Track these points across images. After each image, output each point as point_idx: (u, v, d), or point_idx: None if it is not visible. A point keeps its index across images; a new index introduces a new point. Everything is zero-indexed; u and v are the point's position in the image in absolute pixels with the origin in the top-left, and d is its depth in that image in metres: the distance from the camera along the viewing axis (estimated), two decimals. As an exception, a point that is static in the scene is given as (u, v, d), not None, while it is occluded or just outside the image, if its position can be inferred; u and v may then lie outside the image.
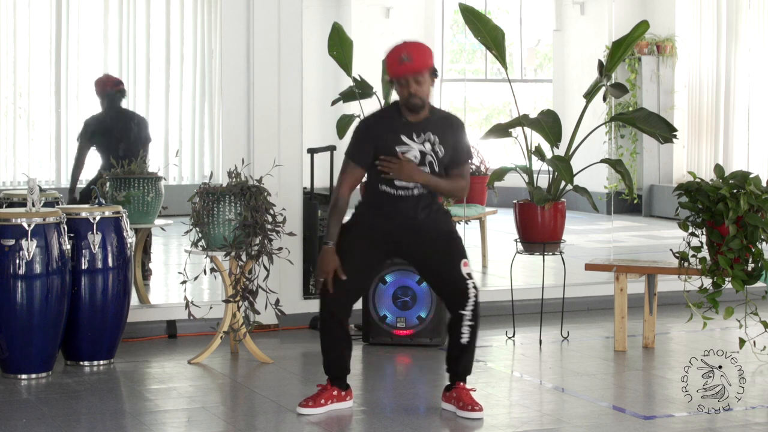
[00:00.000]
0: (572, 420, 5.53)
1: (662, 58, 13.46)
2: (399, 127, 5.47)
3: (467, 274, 5.46)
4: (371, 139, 5.48)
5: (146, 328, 7.36)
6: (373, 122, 5.56)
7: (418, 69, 5.39)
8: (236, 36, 7.58)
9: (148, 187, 7.88)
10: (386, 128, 5.49)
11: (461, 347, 5.47)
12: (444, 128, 5.50)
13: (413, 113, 5.46)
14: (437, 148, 5.48)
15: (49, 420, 5.44)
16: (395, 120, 5.50)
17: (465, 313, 5.43)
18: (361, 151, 5.50)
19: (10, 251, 6.13)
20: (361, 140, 5.52)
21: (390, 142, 5.45)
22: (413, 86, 5.39)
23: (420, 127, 5.47)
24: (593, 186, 8.35)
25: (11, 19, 11.22)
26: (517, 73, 12.76)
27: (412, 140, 5.46)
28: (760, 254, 6.56)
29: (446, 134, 5.50)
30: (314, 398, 5.56)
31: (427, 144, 5.46)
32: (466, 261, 5.49)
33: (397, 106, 5.53)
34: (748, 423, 5.49)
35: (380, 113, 5.66)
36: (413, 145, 5.46)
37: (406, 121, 5.48)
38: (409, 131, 5.47)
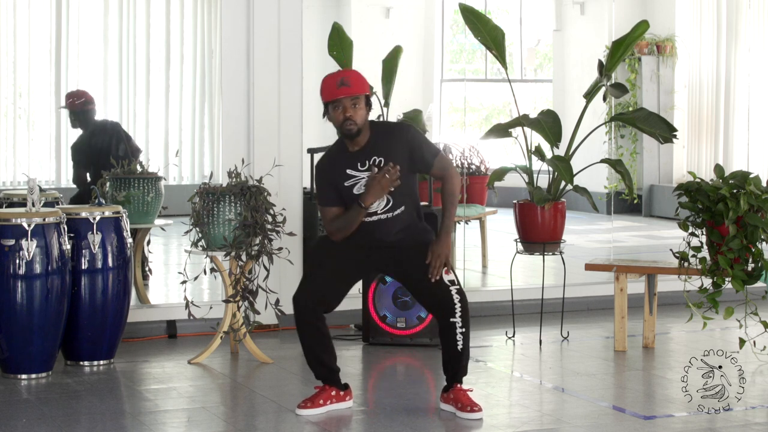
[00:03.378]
0: (572, 420, 5.53)
1: (662, 58, 13.46)
2: (343, 161, 5.45)
3: (450, 281, 5.44)
4: (328, 182, 5.49)
5: (146, 328, 7.36)
6: (323, 165, 5.55)
7: (355, 92, 5.37)
8: (236, 36, 7.58)
9: (148, 187, 7.88)
10: (333, 167, 5.48)
11: (457, 354, 5.47)
12: (388, 144, 5.44)
13: (351, 140, 5.43)
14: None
15: (49, 420, 5.44)
16: (340, 155, 5.48)
17: (455, 320, 5.42)
18: (326, 195, 5.51)
19: (10, 251, 6.13)
20: (321, 185, 5.54)
21: (339, 179, 5.44)
22: (349, 110, 5.36)
23: (363, 155, 5.43)
24: (593, 186, 8.35)
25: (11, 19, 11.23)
26: (517, 73, 12.77)
27: (357, 171, 5.43)
28: (760, 254, 6.56)
29: (393, 149, 5.43)
30: (312, 399, 5.56)
31: (374, 168, 5.41)
32: (447, 269, 5.47)
33: (342, 142, 5.51)
34: (748, 423, 5.49)
35: (327, 153, 5.60)
36: (359, 175, 5.43)
37: (349, 153, 5.45)
38: (354, 163, 5.44)
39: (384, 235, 5.47)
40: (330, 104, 5.40)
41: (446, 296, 5.41)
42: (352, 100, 5.36)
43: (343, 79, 5.39)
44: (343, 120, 5.37)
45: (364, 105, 5.40)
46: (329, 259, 5.49)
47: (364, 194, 5.37)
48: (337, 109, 5.38)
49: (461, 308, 5.42)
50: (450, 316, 5.41)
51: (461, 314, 5.41)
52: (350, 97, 5.36)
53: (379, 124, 5.58)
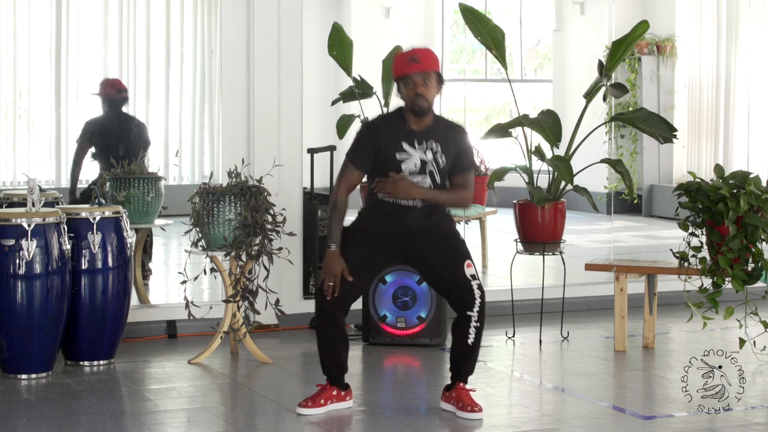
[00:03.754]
0: (572, 420, 5.53)
1: (662, 58, 13.46)
2: (401, 133, 5.46)
3: (471, 275, 5.45)
4: (372, 142, 5.47)
5: (146, 328, 7.36)
6: (376, 126, 5.55)
7: (427, 68, 5.41)
8: (236, 36, 7.58)
9: (148, 187, 7.88)
10: (388, 133, 5.47)
11: (467, 348, 5.47)
12: (447, 137, 5.49)
13: (417, 117, 5.45)
14: (439, 157, 5.47)
15: (49, 420, 5.44)
16: (398, 126, 5.48)
17: (472, 314, 5.43)
18: (361, 154, 5.49)
19: (10, 251, 6.13)
20: (362, 143, 5.51)
21: (391, 147, 5.44)
22: (420, 87, 5.39)
23: (422, 135, 5.46)
24: (593, 186, 8.36)
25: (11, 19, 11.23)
26: (517, 73, 12.77)
27: (413, 147, 5.46)
28: (760, 254, 6.56)
29: (449, 143, 5.49)
30: (313, 398, 5.56)
31: (428, 152, 5.46)
32: (469, 262, 5.48)
33: (402, 113, 5.51)
34: (748, 423, 5.49)
35: (385, 117, 5.64)
36: (414, 153, 5.45)
37: (409, 128, 5.47)
38: (411, 138, 5.46)
39: (412, 222, 5.48)
40: (401, 81, 5.42)
41: (467, 289, 5.43)
42: (422, 77, 5.39)
43: (413, 55, 5.42)
44: (415, 96, 5.39)
45: (435, 83, 5.44)
46: (352, 255, 5.46)
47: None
48: (408, 86, 5.40)
49: (480, 303, 5.43)
50: (468, 309, 5.43)
51: (479, 309, 5.43)
52: (420, 74, 5.38)
53: (442, 118, 5.62)
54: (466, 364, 5.52)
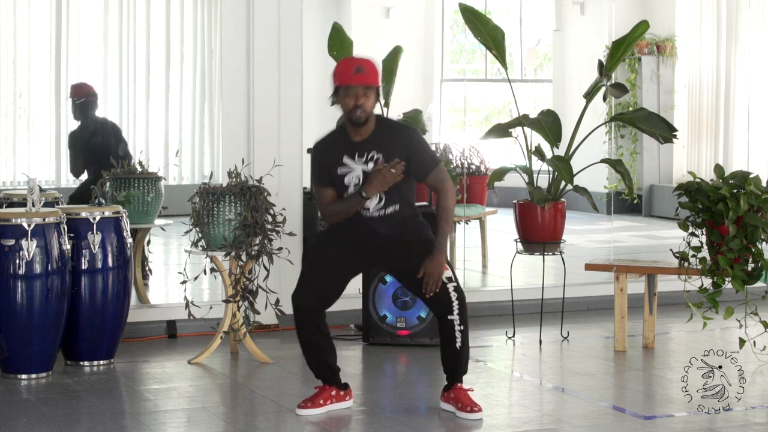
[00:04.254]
0: (572, 420, 5.53)
1: (662, 58, 13.46)
2: (342, 147, 5.44)
3: (447, 278, 5.41)
4: (322, 163, 5.49)
5: (146, 328, 7.36)
6: (321, 146, 5.55)
7: (370, 82, 5.35)
8: (236, 36, 7.58)
9: (148, 187, 7.88)
10: (331, 150, 5.47)
11: (456, 353, 5.46)
12: (390, 143, 5.40)
13: (355, 128, 5.40)
14: None
15: (49, 420, 5.44)
16: (340, 141, 5.47)
17: (453, 318, 5.41)
18: (321, 174, 5.51)
19: (10, 251, 6.13)
20: (315, 165, 5.55)
21: (333, 163, 5.43)
22: (360, 98, 5.34)
23: (363, 146, 5.41)
24: (593, 186, 8.35)
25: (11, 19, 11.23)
26: (517, 73, 12.76)
27: (353, 160, 5.41)
28: (760, 254, 6.56)
29: (393, 149, 5.39)
30: (313, 399, 5.56)
31: (370, 164, 5.39)
32: (445, 266, 5.45)
33: (344, 128, 5.49)
34: (748, 423, 5.49)
35: (328, 136, 5.59)
36: (354, 166, 5.41)
37: (350, 141, 5.44)
38: (352, 151, 5.42)
39: (375, 232, 5.45)
40: (342, 89, 5.37)
41: (443, 293, 5.40)
42: (365, 89, 5.35)
43: (359, 66, 5.37)
44: (353, 107, 5.35)
45: (374, 95, 5.39)
46: (326, 257, 5.48)
47: (367, 185, 5.35)
48: (348, 96, 5.35)
49: (459, 306, 5.40)
50: (447, 314, 5.40)
51: (459, 311, 5.40)
52: (363, 86, 5.34)
53: (385, 120, 5.57)
54: (458, 366, 5.51)
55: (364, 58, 5.47)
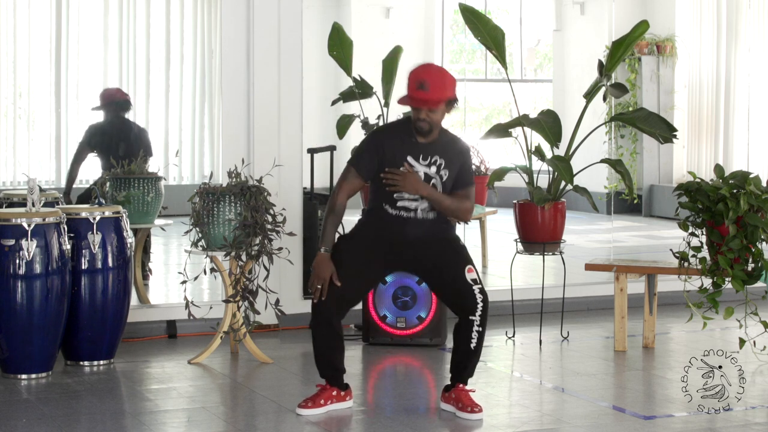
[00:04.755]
0: (572, 420, 5.53)
1: (662, 58, 13.46)
2: (407, 146, 5.45)
3: (472, 280, 5.44)
4: (378, 151, 5.46)
5: (146, 328, 7.36)
6: (384, 136, 5.54)
7: (432, 101, 5.34)
8: (236, 36, 7.58)
9: (148, 187, 7.88)
10: (395, 145, 5.46)
11: (469, 352, 5.47)
12: (451, 152, 5.48)
13: (421, 135, 5.45)
14: (442, 171, 5.46)
15: (49, 420, 5.44)
16: (405, 138, 5.47)
17: (474, 318, 5.43)
18: (364, 161, 5.48)
19: (10, 251, 6.13)
20: (368, 150, 5.50)
21: (396, 159, 5.44)
22: (424, 113, 5.38)
23: (428, 149, 5.45)
24: (593, 186, 8.36)
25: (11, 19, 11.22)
26: (517, 73, 12.76)
27: (417, 162, 5.45)
28: (760, 254, 6.56)
29: (453, 158, 5.48)
30: (313, 399, 5.56)
31: (432, 167, 5.45)
32: (470, 267, 5.48)
33: (410, 124, 5.50)
34: (748, 423, 5.49)
35: (393, 127, 5.61)
36: (418, 167, 5.45)
37: (415, 141, 5.46)
38: (416, 152, 5.45)
39: (410, 231, 5.47)
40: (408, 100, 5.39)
41: (469, 294, 5.42)
42: (427, 108, 5.35)
43: (422, 82, 5.34)
44: (417, 119, 5.39)
45: (442, 109, 5.40)
46: (351, 259, 5.47)
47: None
48: (414, 108, 5.39)
49: (482, 308, 5.43)
50: (470, 314, 5.42)
51: (481, 313, 5.43)
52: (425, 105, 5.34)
53: (448, 133, 5.57)
54: (467, 367, 5.52)
55: (433, 70, 5.43)
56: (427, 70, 5.41)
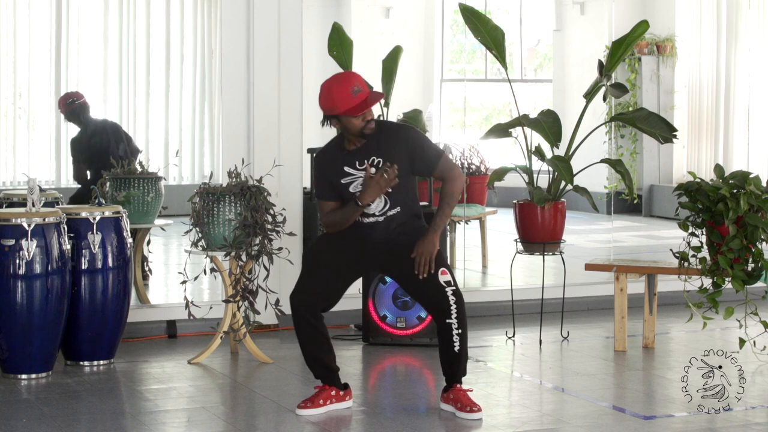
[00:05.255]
0: (572, 420, 5.53)
1: (662, 58, 13.46)
2: (341, 159, 5.44)
3: (446, 282, 5.41)
4: (325, 177, 5.49)
5: (146, 328, 7.36)
6: (321, 161, 5.54)
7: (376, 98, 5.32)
8: (236, 36, 7.58)
9: (148, 187, 7.88)
10: (331, 164, 5.46)
11: (455, 355, 5.46)
12: (389, 144, 5.40)
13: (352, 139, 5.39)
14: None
15: (49, 420, 5.44)
16: (336, 153, 5.46)
17: (451, 321, 5.41)
18: (323, 188, 5.51)
19: (10, 251, 6.13)
20: (319, 178, 5.54)
21: (336, 175, 5.44)
22: (369, 114, 5.36)
23: (362, 153, 5.41)
24: (593, 186, 8.35)
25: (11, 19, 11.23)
26: (517, 73, 12.76)
27: (356, 169, 5.42)
28: (760, 254, 6.56)
29: (393, 150, 5.39)
30: (312, 399, 5.56)
31: (372, 169, 5.38)
32: (444, 269, 5.43)
33: (340, 138, 5.49)
34: (748, 423, 5.49)
35: (325, 149, 5.57)
36: (359, 174, 5.42)
37: (348, 151, 5.43)
38: (351, 161, 5.42)
39: (379, 235, 5.47)
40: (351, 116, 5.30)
41: (442, 297, 5.40)
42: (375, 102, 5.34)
43: (354, 87, 5.32)
44: (365, 124, 5.34)
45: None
46: (326, 259, 5.49)
47: (362, 193, 5.36)
48: (357, 117, 5.32)
49: (457, 309, 5.40)
50: (446, 317, 5.40)
51: (457, 315, 5.40)
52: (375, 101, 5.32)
53: (381, 123, 5.53)
54: (457, 369, 5.51)
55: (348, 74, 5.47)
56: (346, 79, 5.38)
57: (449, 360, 5.49)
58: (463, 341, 5.43)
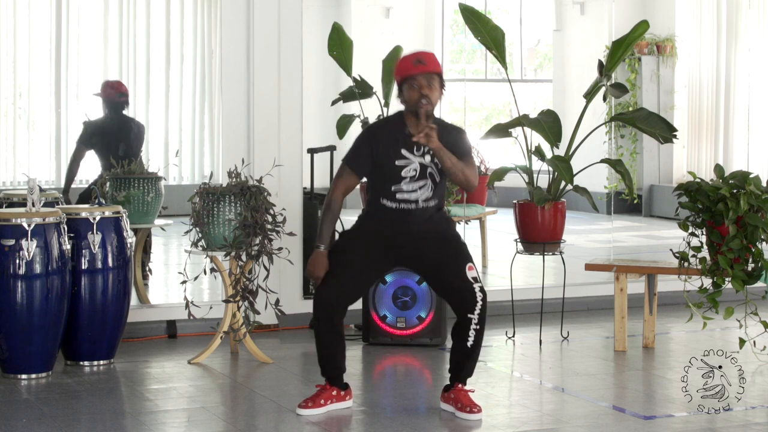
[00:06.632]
0: (572, 420, 5.53)
1: (662, 58, 13.46)
2: (400, 139, 5.46)
3: (473, 278, 5.45)
4: (372, 147, 5.48)
5: (146, 328, 7.36)
6: (377, 131, 5.55)
7: (432, 70, 5.41)
8: (236, 36, 7.58)
9: (148, 187, 7.88)
10: (388, 139, 5.48)
11: (466, 350, 5.47)
12: (445, 138, 5.45)
13: (419, 120, 5.43)
14: (437, 159, 5.46)
15: (49, 420, 5.45)
16: (397, 132, 5.49)
17: (473, 316, 5.43)
18: (359, 158, 5.50)
19: (10, 251, 6.13)
20: (361, 147, 5.52)
21: (390, 154, 5.45)
22: (425, 88, 5.39)
23: None
24: (593, 186, 8.35)
25: (11, 19, 11.23)
26: (517, 73, 12.76)
27: (411, 153, 5.46)
28: (760, 254, 6.56)
29: (447, 144, 5.44)
30: (313, 399, 5.56)
31: (426, 156, 5.45)
32: (471, 265, 5.48)
33: (402, 118, 5.51)
34: (748, 423, 5.49)
35: (385, 123, 5.65)
36: (413, 159, 5.46)
37: (408, 133, 5.46)
38: (410, 144, 5.46)
39: (413, 224, 5.48)
40: (405, 82, 5.42)
41: (470, 291, 5.42)
42: (427, 79, 5.39)
43: (419, 58, 5.43)
44: (419, 97, 5.39)
45: (438, 86, 5.44)
46: (353, 255, 5.48)
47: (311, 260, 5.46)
48: (413, 87, 5.40)
49: (481, 306, 5.42)
50: (469, 312, 5.42)
51: (480, 312, 5.42)
52: (425, 75, 5.39)
53: (441, 120, 5.60)
54: (465, 366, 5.52)
55: (422, 51, 5.55)
56: (418, 52, 5.54)
57: (460, 356, 5.49)
58: (478, 338, 5.44)
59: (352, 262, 5.46)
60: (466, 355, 5.48)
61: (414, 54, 5.52)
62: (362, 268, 5.50)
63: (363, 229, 5.56)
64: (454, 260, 5.47)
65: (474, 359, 5.51)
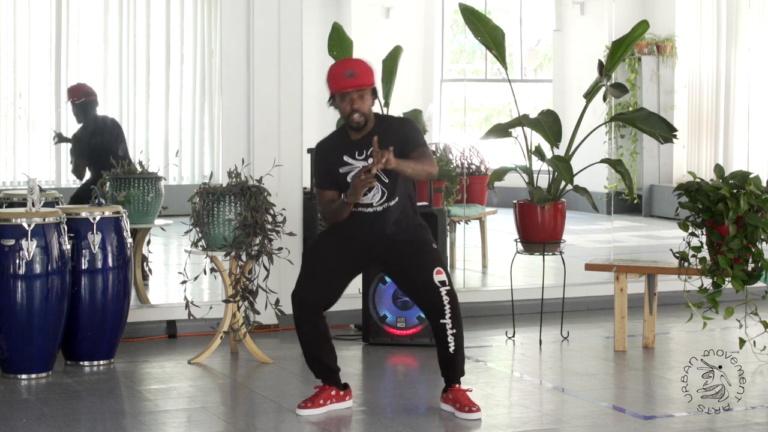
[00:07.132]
0: (572, 420, 5.53)
1: (662, 58, 13.46)
2: (342, 148, 5.49)
3: (440, 281, 5.42)
4: (326, 164, 5.53)
5: (146, 328, 7.36)
6: (324, 147, 5.60)
7: (363, 84, 5.38)
8: (236, 36, 7.58)
9: (148, 187, 7.88)
10: (332, 152, 5.51)
11: (450, 356, 5.47)
12: (386, 136, 5.40)
13: (354, 131, 5.45)
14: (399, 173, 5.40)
15: (49, 420, 5.45)
16: (339, 142, 5.52)
17: (446, 322, 5.42)
18: (322, 177, 5.55)
19: (10, 251, 6.13)
20: (319, 167, 5.59)
21: (335, 165, 5.48)
22: (356, 102, 5.38)
23: (362, 143, 5.45)
24: (593, 186, 8.35)
25: (11, 19, 11.22)
26: (517, 73, 12.76)
27: (354, 159, 5.45)
28: (760, 254, 6.56)
29: (390, 140, 5.38)
30: (313, 399, 5.56)
31: (370, 159, 5.39)
32: (439, 269, 5.45)
33: (344, 127, 5.54)
34: (748, 423, 5.49)
35: (328, 138, 5.63)
36: (356, 163, 5.45)
37: (349, 140, 5.48)
38: (352, 150, 5.47)
39: (378, 227, 5.48)
40: (337, 95, 5.41)
41: (436, 297, 5.41)
42: (359, 92, 5.38)
43: (351, 70, 5.39)
44: (351, 111, 5.39)
45: (370, 96, 5.43)
46: (327, 256, 5.51)
47: (348, 192, 5.37)
48: (344, 101, 5.39)
49: (451, 309, 5.41)
50: (440, 318, 5.42)
51: (451, 315, 5.41)
52: (357, 90, 5.37)
53: (384, 117, 5.62)
54: (454, 369, 5.52)
55: (355, 59, 5.53)
56: (350, 61, 5.52)
57: (445, 361, 5.50)
58: (459, 342, 5.44)
59: (329, 262, 5.49)
60: (451, 361, 5.49)
61: (346, 64, 5.46)
62: (336, 270, 5.51)
63: (338, 229, 5.56)
64: (421, 265, 5.45)
65: (461, 361, 5.51)
